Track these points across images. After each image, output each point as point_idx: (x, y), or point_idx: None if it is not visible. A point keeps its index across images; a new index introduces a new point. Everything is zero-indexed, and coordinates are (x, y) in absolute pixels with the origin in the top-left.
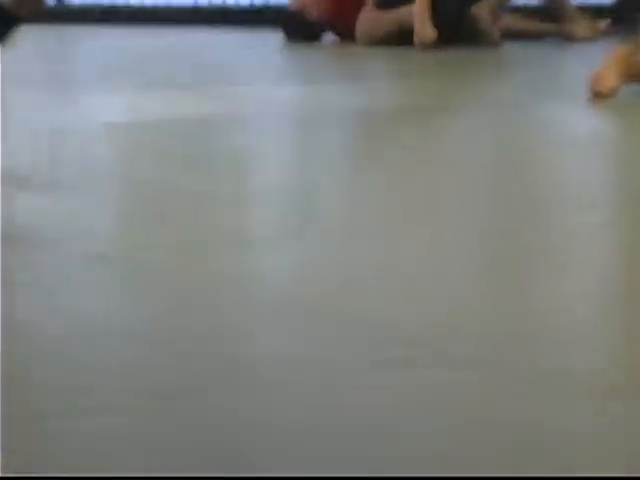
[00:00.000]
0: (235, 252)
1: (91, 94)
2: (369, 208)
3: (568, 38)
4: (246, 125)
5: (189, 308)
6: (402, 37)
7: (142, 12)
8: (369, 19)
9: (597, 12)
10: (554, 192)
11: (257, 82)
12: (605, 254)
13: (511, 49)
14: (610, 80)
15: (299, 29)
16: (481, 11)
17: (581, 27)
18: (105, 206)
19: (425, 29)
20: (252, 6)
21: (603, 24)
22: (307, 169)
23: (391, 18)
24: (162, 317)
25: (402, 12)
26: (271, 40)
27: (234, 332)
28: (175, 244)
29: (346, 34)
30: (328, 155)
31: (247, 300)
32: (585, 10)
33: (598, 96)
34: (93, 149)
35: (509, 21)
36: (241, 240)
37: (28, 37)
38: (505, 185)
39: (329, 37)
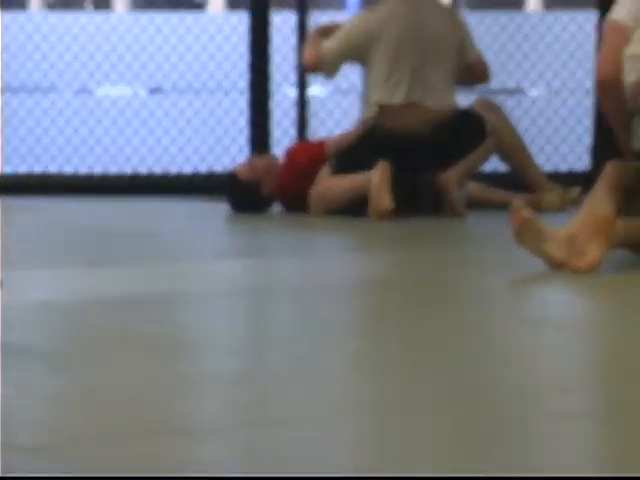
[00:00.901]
0: (177, 442)
1: (19, 271)
2: (314, 392)
3: (537, 208)
4: (186, 303)
5: None
6: (358, 206)
7: (76, 182)
8: (324, 187)
9: (569, 180)
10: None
11: (198, 256)
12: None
13: (475, 220)
14: (591, 253)
15: (247, 199)
16: (449, 178)
17: (551, 196)
18: (29, 391)
19: (382, 199)
20: (195, 174)
21: (574, 193)
22: (248, 351)
23: (347, 186)
24: None
25: (359, 180)
26: (216, 210)
27: None
28: (111, 433)
29: (297, 204)
30: (275, 334)
31: None
32: (556, 178)
33: (578, 272)
34: (20, 329)
35: (474, 190)
36: (184, 429)
37: None
38: (462, 370)
39: (278, 207)
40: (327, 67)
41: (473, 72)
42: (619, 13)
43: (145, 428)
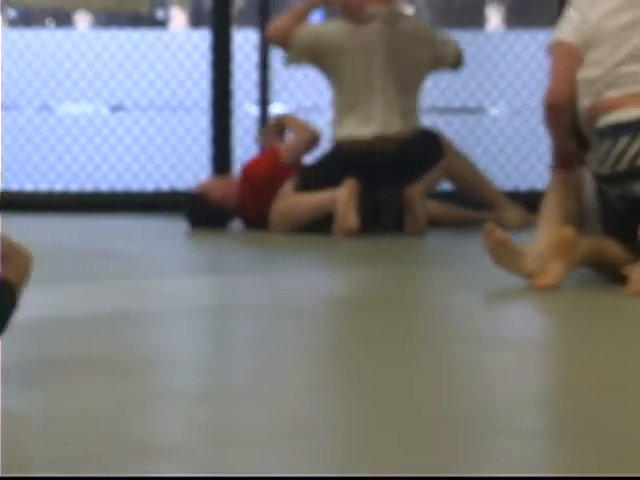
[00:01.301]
0: (138, 461)
1: None
2: (276, 411)
3: (498, 226)
4: (148, 322)
5: None
6: (323, 223)
7: (37, 199)
8: (287, 204)
9: (530, 199)
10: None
11: (160, 274)
12: None
13: (436, 238)
14: (553, 271)
15: (202, 215)
16: (415, 192)
17: (512, 214)
18: None
19: (348, 217)
20: (157, 192)
21: (535, 216)
22: (210, 370)
23: (312, 204)
24: None
25: (325, 198)
26: (177, 228)
27: None
28: (72, 453)
29: (258, 220)
30: (237, 353)
31: None
32: (517, 197)
33: (540, 290)
34: None
35: (434, 208)
36: (145, 448)
37: None
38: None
39: (238, 223)
40: (292, 50)
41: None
42: (566, 33)
43: (106, 447)
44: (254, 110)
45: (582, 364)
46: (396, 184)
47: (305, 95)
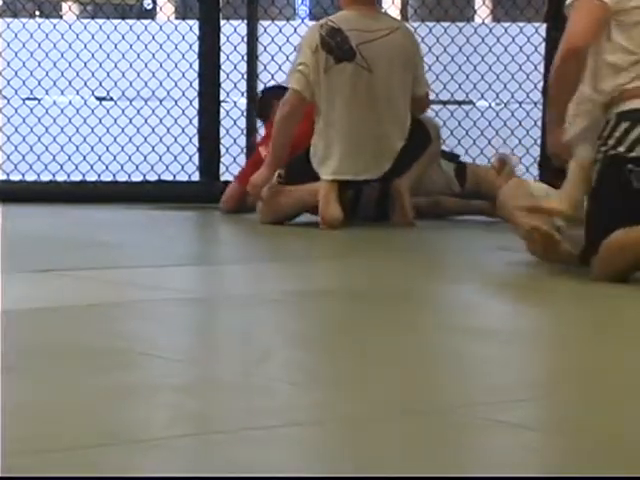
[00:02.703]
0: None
1: None
2: (263, 403)
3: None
4: (135, 312)
5: None
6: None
7: (23, 189)
8: (271, 195)
9: None
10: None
11: (142, 264)
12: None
13: (423, 229)
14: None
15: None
16: (401, 185)
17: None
18: None
19: (330, 209)
20: (144, 182)
21: None
22: (203, 360)
23: (295, 196)
24: None
25: (307, 190)
26: (163, 217)
27: None
28: (56, 445)
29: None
30: (224, 344)
31: None
32: None
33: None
34: None
35: (441, 199)
36: (130, 439)
37: None
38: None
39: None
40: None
41: (412, 105)
42: None
43: (91, 438)
44: (242, 101)
45: (575, 356)
46: (383, 174)
47: None
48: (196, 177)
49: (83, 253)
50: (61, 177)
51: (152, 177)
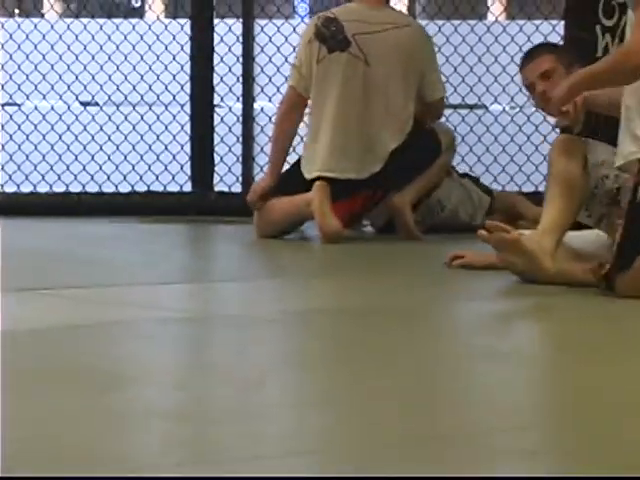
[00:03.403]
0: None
1: None
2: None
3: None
4: (124, 332)
5: None
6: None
7: (4, 200)
8: (265, 208)
9: (534, 201)
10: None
11: (138, 282)
12: None
13: (431, 243)
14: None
15: None
16: (403, 200)
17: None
18: None
19: (327, 220)
20: (131, 193)
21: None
22: (190, 384)
23: (286, 208)
24: None
25: (297, 201)
26: (150, 232)
27: None
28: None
29: None
30: (219, 364)
31: None
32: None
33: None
34: None
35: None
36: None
37: None
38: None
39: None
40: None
41: (422, 111)
42: None
43: (80, 461)
44: (237, 106)
45: (582, 379)
46: (386, 185)
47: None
48: (188, 187)
49: (68, 270)
50: (43, 188)
51: (141, 188)
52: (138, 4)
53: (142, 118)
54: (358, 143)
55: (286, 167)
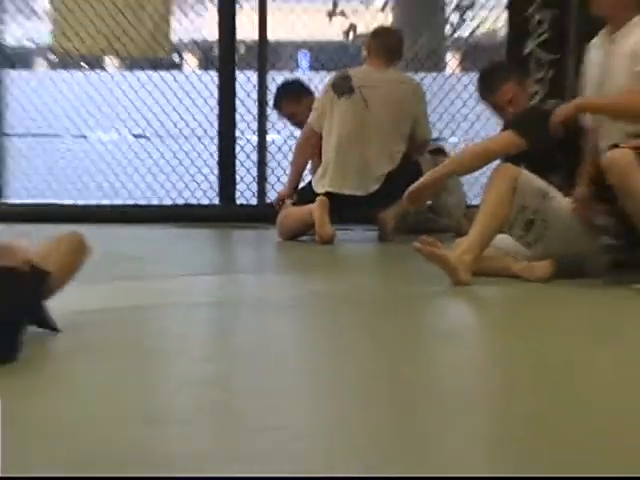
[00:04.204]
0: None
1: None
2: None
3: None
4: (160, 315)
5: None
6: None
7: (73, 211)
8: (284, 216)
9: None
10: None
11: (177, 273)
12: None
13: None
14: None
15: None
16: (387, 217)
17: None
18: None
19: (324, 227)
20: (173, 205)
21: None
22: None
23: (296, 215)
24: None
25: (304, 211)
26: (188, 234)
27: None
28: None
29: None
30: (242, 346)
31: None
32: None
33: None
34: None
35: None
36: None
37: None
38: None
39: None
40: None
41: (411, 147)
42: None
43: (122, 416)
44: (254, 138)
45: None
46: (373, 204)
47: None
48: (216, 201)
49: (123, 265)
50: (105, 201)
51: (179, 201)
52: (177, 60)
53: (180, 147)
54: (355, 169)
55: (302, 185)
